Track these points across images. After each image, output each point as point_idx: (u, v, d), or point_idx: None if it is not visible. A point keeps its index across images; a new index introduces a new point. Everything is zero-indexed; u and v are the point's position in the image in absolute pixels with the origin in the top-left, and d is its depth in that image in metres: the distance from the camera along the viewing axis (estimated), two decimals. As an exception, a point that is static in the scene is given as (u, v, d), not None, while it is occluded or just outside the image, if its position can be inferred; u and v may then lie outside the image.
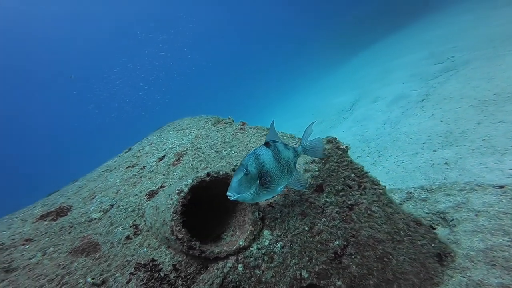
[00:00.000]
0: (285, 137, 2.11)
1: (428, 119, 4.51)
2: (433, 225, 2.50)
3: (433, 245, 1.95)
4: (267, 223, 1.47)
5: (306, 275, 1.39)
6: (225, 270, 1.28)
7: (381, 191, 1.89)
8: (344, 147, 1.90)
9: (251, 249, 1.36)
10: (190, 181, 1.34)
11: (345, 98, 8.73)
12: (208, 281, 1.25)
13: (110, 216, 1.78)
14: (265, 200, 1.60)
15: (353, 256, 1.55)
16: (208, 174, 1.38)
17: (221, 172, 1.43)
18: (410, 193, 3.04)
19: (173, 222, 1.23)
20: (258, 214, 1.45)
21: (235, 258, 1.32)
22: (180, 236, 1.21)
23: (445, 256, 1.95)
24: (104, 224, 1.73)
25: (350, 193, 1.75)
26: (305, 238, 1.48)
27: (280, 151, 1.35)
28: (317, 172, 1.72)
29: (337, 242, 1.54)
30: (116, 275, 1.39)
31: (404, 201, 2.97)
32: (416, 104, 5.25)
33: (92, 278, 1.39)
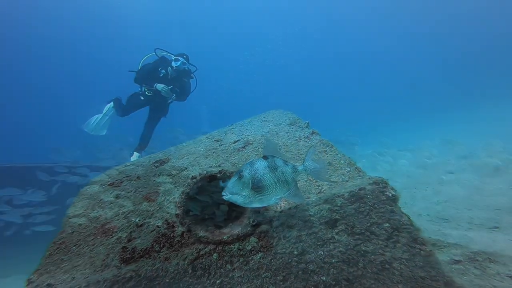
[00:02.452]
0: (341, 161, 2.07)
1: None
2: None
3: None
4: (257, 232, 1.64)
5: (272, 292, 1.51)
6: (201, 252, 1.60)
7: (422, 252, 1.63)
8: (390, 194, 1.72)
9: (231, 246, 1.61)
10: (204, 172, 1.68)
11: None
12: (184, 254, 1.61)
13: (179, 177, 2.37)
14: (261, 207, 1.73)
15: (335, 300, 1.51)
16: (220, 171, 1.67)
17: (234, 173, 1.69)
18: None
19: (177, 199, 1.62)
20: (253, 221, 1.64)
21: (214, 247, 1.60)
22: (177, 212, 1.60)
23: None
24: (171, 182, 2.33)
25: (371, 241, 1.63)
26: (289, 260, 1.58)
27: (277, 164, 1.51)
28: (337, 207, 1.69)
29: (324, 278, 1.55)
30: (151, 223, 1.95)
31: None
32: None
33: (138, 220, 2.00)
